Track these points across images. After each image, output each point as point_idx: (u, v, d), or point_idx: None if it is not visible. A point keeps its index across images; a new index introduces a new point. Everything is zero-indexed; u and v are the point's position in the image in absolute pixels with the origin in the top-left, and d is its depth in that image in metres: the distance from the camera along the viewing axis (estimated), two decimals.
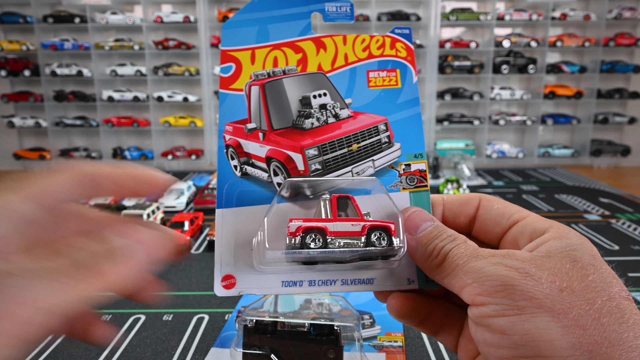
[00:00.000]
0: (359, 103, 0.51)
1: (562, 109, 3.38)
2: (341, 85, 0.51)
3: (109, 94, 3.19)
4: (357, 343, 0.57)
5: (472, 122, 3.22)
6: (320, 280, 0.45)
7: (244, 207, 0.48)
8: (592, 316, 0.33)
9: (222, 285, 0.45)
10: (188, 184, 2.20)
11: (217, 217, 0.47)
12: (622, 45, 3.19)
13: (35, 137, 3.39)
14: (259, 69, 0.50)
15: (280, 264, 0.45)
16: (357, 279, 0.46)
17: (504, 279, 0.35)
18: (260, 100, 0.51)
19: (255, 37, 0.50)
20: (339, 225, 0.44)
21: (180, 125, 3.25)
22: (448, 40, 3.20)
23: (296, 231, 0.44)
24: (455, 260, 0.39)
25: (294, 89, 0.51)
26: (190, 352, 0.87)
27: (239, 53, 0.50)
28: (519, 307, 0.34)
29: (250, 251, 0.46)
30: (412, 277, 0.46)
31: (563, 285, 0.34)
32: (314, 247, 0.43)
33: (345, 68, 0.51)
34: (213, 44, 3.15)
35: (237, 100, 0.50)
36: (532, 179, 2.64)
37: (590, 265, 0.36)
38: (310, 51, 0.51)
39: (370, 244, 0.44)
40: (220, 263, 0.46)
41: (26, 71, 3.14)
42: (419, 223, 0.44)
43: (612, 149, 3.25)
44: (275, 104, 0.51)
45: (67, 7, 3.16)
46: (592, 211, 1.91)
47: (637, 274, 1.18)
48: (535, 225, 0.42)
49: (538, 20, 3.14)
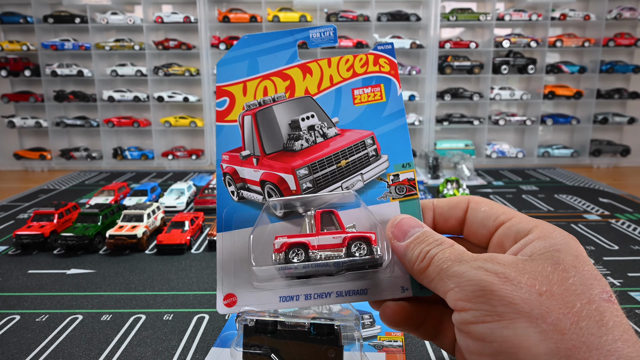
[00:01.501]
0: (346, 120, 0.54)
1: (561, 109, 3.39)
2: (328, 105, 0.54)
3: (109, 94, 3.19)
4: (357, 342, 0.57)
5: (471, 122, 3.23)
6: (316, 294, 0.48)
7: (242, 229, 0.51)
8: (570, 320, 0.33)
9: (224, 304, 0.48)
10: (188, 184, 2.20)
11: (218, 239, 0.51)
12: (621, 46, 3.19)
13: (35, 137, 3.39)
14: (250, 100, 0.54)
15: (276, 279, 0.48)
16: (351, 290, 0.48)
17: (483, 284, 0.35)
18: (252, 128, 0.54)
19: (246, 70, 0.54)
20: (321, 239, 0.47)
21: (180, 125, 3.25)
22: (448, 41, 3.20)
23: (281, 247, 0.46)
24: (439, 264, 0.39)
25: (283, 114, 0.54)
26: (191, 352, 0.87)
27: (232, 87, 0.54)
28: (498, 312, 0.34)
29: (249, 270, 0.49)
30: (405, 285, 0.47)
31: (542, 289, 0.34)
32: (297, 261, 0.46)
33: (330, 89, 0.54)
34: (213, 44, 3.15)
35: (232, 131, 0.53)
36: (531, 179, 2.64)
37: (572, 267, 0.36)
38: (297, 77, 0.54)
39: (351, 255, 0.46)
40: (221, 283, 0.49)
41: (26, 71, 3.15)
42: (408, 229, 0.45)
43: (612, 149, 3.25)
44: (266, 130, 0.54)
45: (67, 7, 3.17)
46: (592, 211, 1.91)
47: (637, 274, 1.19)
48: (519, 226, 0.42)
49: (538, 20, 3.14)
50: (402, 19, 3.13)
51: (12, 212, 2.03)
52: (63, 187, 2.57)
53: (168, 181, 2.69)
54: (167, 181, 2.69)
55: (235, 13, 3.14)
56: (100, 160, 3.28)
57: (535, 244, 0.39)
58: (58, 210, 1.65)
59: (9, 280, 1.28)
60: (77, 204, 1.81)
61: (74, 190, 2.49)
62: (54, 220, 1.60)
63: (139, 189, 2.16)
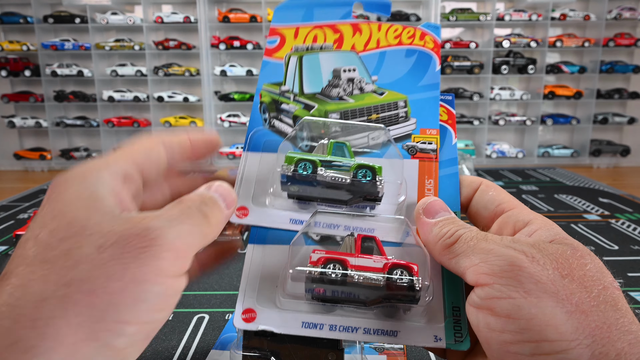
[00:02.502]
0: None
1: (561, 109, 3.39)
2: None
3: (109, 94, 3.19)
4: (357, 345, 0.57)
5: (471, 122, 3.23)
6: (342, 326, 0.45)
7: (273, 245, 0.49)
8: (591, 303, 0.34)
9: (242, 318, 0.46)
10: None
11: (248, 251, 0.49)
12: (621, 46, 3.19)
13: (35, 137, 3.39)
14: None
15: (301, 303, 0.45)
16: (380, 330, 0.45)
17: (512, 259, 0.36)
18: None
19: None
20: (360, 260, 0.45)
21: (180, 125, 3.25)
22: (448, 41, 3.20)
23: (317, 260, 0.44)
24: (467, 241, 0.40)
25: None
26: (191, 352, 0.87)
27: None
28: (526, 289, 0.34)
29: (275, 287, 0.47)
30: (439, 335, 0.45)
31: (564, 272, 0.35)
32: (334, 276, 0.43)
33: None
34: (213, 44, 3.15)
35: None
36: (531, 179, 2.64)
37: (588, 254, 0.37)
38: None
39: (391, 280, 0.44)
40: (243, 295, 0.47)
41: (27, 71, 3.15)
42: (438, 210, 0.46)
43: (612, 149, 3.25)
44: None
45: (67, 7, 3.17)
46: (592, 211, 1.91)
47: (637, 274, 1.18)
48: (519, 216, 0.44)
49: (538, 20, 3.14)
50: (402, 19, 3.13)
51: (12, 212, 2.03)
52: None
53: None
54: None
55: (235, 13, 3.14)
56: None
57: (541, 232, 0.41)
58: None
59: None
60: None
61: None
62: None
63: None
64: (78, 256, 0.33)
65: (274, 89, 0.57)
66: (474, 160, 3.16)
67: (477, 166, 3.06)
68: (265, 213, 0.50)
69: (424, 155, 0.54)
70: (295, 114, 0.56)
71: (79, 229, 0.35)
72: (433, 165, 0.53)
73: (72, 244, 0.34)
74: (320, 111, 0.56)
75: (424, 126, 0.55)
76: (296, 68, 0.57)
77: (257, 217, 0.49)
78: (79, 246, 0.34)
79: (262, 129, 0.54)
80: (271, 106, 0.57)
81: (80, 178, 0.38)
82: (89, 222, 0.35)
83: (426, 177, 0.53)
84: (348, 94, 0.57)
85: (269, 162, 0.52)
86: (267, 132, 0.54)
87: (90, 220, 0.35)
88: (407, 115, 0.56)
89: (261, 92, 0.57)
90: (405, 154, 0.54)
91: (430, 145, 0.54)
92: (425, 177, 0.53)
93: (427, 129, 0.55)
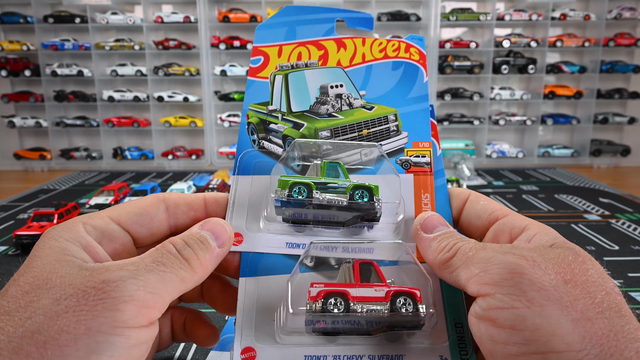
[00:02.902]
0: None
1: (562, 109, 3.38)
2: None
3: (109, 94, 3.19)
4: None
5: (472, 122, 3.23)
6: (346, 356, 0.43)
7: (266, 276, 0.48)
8: (595, 309, 0.33)
9: (241, 359, 0.44)
10: (188, 184, 2.20)
11: (240, 285, 0.47)
12: (622, 46, 3.19)
13: (35, 137, 3.39)
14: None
15: (302, 335, 0.44)
16: (385, 355, 0.43)
17: (512, 266, 0.35)
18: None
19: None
20: (361, 290, 0.43)
21: (180, 125, 3.25)
22: (448, 41, 3.20)
23: (317, 295, 0.42)
24: (465, 252, 0.39)
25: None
26: (190, 353, 0.87)
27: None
28: (528, 298, 0.33)
29: (272, 322, 0.45)
30: (444, 355, 0.44)
31: (567, 278, 0.34)
32: (337, 312, 0.41)
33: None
34: (213, 44, 3.15)
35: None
36: (532, 179, 2.64)
37: (589, 259, 0.37)
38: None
39: (395, 310, 0.42)
40: (240, 333, 0.45)
41: (26, 71, 3.15)
42: (436, 225, 0.45)
43: (612, 149, 3.25)
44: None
45: (67, 7, 3.16)
46: (592, 211, 1.91)
47: (637, 274, 1.18)
48: (514, 222, 0.43)
49: (538, 20, 3.14)
50: (402, 19, 3.13)
51: (12, 212, 2.03)
52: (63, 187, 2.57)
53: (168, 181, 2.69)
54: (167, 181, 2.69)
55: (235, 13, 3.14)
56: (100, 160, 3.28)
57: (540, 237, 0.40)
58: (58, 210, 1.65)
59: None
60: (77, 204, 1.81)
61: (74, 190, 2.49)
62: (54, 221, 1.60)
63: (139, 189, 2.16)
64: (35, 308, 0.33)
65: (261, 109, 0.56)
66: (474, 160, 3.15)
67: (477, 166, 3.06)
68: (260, 238, 0.48)
69: (418, 169, 0.53)
70: (284, 133, 0.55)
71: (42, 282, 0.35)
72: (428, 179, 0.53)
73: (32, 297, 0.34)
74: (310, 129, 0.55)
75: (416, 139, 0.54)
76: (282, 86, 0.56)
77: (251, 243, 0.48)
78: (38, 299, 0.34)
79: (252, 151, 0.54)
80: (259, 127, 0.56)
81: (58, 232, 0.40)
82: (53, 275, 0.36)
83: (422, 191, 0.52)
84: (337, 110, 0.57)
85: (261, 185, 0.51)
86: (256, 154, 0.54)
87: (55, 273, 0.36)
88: (398, 129, 0.55)
89: (248, 113, 0.56)
90: (399, 169, 0.53)
91: (424, 159, 0.54)
92: (422, 191, 0.52)
93: (419, 142, 0.55)
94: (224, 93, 3.21)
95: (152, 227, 0.45)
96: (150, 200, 0.46)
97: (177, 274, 0.37)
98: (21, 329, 0.32)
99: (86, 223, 0.41)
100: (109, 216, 0.43)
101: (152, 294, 0.35)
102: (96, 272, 0.35)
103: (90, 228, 0.41)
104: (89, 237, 0.40)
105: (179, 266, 0.38)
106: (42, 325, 0.32)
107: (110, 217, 0.43)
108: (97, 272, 0.35)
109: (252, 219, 0.50)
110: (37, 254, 0.38)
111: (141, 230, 0.45)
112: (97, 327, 0.32)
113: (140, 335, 0.34)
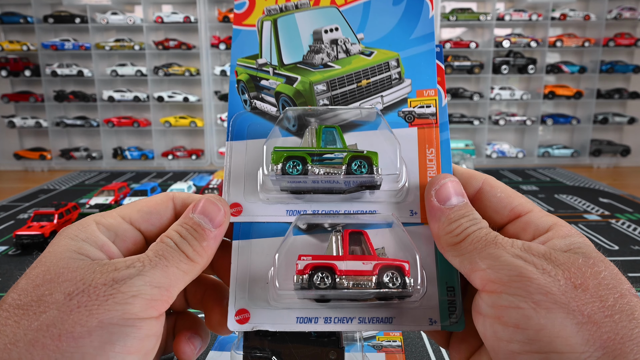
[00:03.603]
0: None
1: (561, 109, 3.38)
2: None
3: (109, 94, 3.19)
4: (358, 343, 0.57)
5: (472, 122, 3.23)
6: (337, 318, 0.44)
7: (259, 239, 0.46)
8: (604, 313, 0.33)
9: (235, 320, 0.44)
10: (188, 184, 2.20)
11: (233, 252, 0.46)
12: (621, 46, 3.19)
13: (35, 137, 3.39)
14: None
15: (294, 299, 0.44)
16: (375, 318, 0.44)
17: (521, 270, 0.35)
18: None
19: None
20: (349, 264, 0.42)
21: (180, 125, 3.25)
22: (448, 41, 3.20)
23: (304, 269, 0.42)
24: (475, 242, 0.39)
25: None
26: None
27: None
28: (534, 300, 0.34)
29: (265, 285, 0.45)
30: (434, 317, 0.44)
31: (577, 282, 0.34)
32: (322, 287, 0.42)
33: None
34: (213, 44, 3.15)
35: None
36: (532, 179, 2.64)
37: (601, 261, 0.36)
38: None
39: (382, 285, 0.42)
40: (234, 296, 0.45)
41: (27, 71, 3.15)
42: (451, 195, 0.43)
43: (612, 149, 3.25)
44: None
45: (67, 7, 3.16)
46: (592, 211, 1.91)
47: (637, 274, 1.19)
48: (538, 222, 0.42)
49: (538, 20, 3.14)
50: None
51: (12, 212, 2.03)
52: (63, 187, 2.57)
53: (168, 181, 2.69)
54: (167, 181, 2.69)
55: None
56: (100, 160, 3.28)
57: (556, 241, 0.39)
58: (58, 210, 1.65)
59: (9, 281, 1.27)
60: (77, 204, 1.81)
61: (74, 190, 2.49)
62: (54, 221, 1.60)
63: (139, 189, 2.16)
64: (48, 302, 0.35)
65: (250, 64, 0.50)
66: (474, 160, 3.16)
67: (477, 166, 3.06)
68: (259, 208, 0.46)
69: (422, 121, 0.48)
70: (277, 90, 0.50)
71: (54, 276, 0.36)
72: (433, 131, 0.48)
73: (44, 290, 0.35)
74: (304, 83, 0.50)
75: (421, 87, 0.49)
76: (271, 34, 0.50)
77: (251, 212, 0.47)
78: (50, 292, 0.35)
79: (244, 113, 0.49)
80: (250, 84, 0.51)
81: (73, 232, 0.41)
82: (65, 270, 0.37)
83: (427, 145, 0.48)
84: (333, 59, 0.51)
85: (257, 149, 0.48)
86: (249, 116, 0.49)
87: (67, 268, 0.37)
88: (400, 77, 0.49)
89: (236, 69, 0.50)
90: (402, 122, 0.49)
91: (429, 109, 0.48)
92: (426, 146, 0.48)
93: (424, 90, 0.49)
94: (224, 93, 3.22)
95: (162, 224, 0.46)
96: (159, 199, 0.47)
97: (178, 267, 0.39)
98: (36, 323, 0.33)
99: (99, 223, 0.42)
100: (120, 215, 0.44)
101: (158, 288, 0.37)
102: (105, 269, 0.37)
103: (103, 228, 0.42)
104: (104, 237, 0.41)
105: (179, 259, 0.39)
106: (56, 319, 0.33)
107: (122, 216, 0.44)
108: (106, 269, 0.37)
109: (250, 187, 0.47)
110: (51, 249, 0.39)
111: (152, 228, 0.46)
112: (110, 320, 0.34)
113: (150, 326, 0.36)
